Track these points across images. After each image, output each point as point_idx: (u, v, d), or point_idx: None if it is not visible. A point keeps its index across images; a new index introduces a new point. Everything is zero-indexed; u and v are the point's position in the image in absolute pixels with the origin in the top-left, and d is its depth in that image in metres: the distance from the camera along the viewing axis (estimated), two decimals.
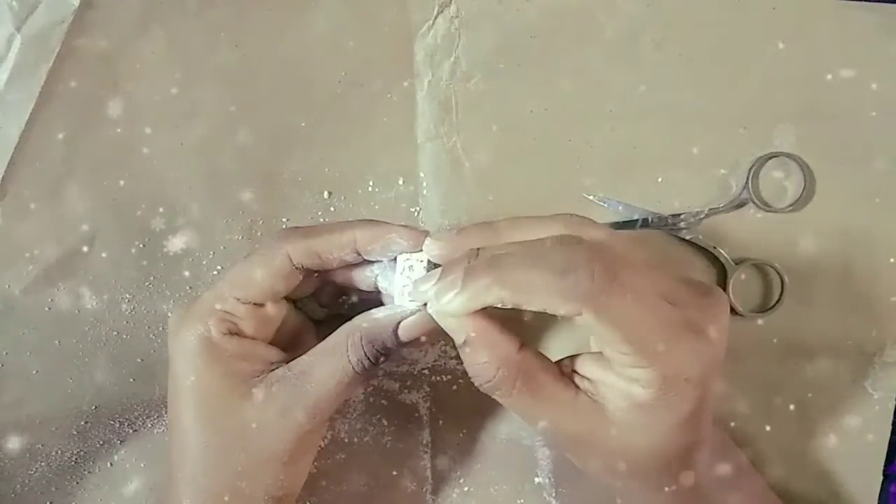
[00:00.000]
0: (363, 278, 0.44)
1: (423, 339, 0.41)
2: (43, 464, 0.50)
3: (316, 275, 0.44)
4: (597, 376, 0.38)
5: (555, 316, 0.40)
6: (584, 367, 0.40)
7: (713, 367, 0.37)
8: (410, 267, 0.41)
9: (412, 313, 0.40)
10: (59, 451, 0.50)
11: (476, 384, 0.39)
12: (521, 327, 0.49)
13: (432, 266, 0.41)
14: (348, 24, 0.50)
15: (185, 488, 0.41)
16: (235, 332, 0.41)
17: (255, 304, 0.42)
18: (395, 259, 0.42)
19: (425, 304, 0.39)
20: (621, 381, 0.37)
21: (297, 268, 0.42)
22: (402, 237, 0.41)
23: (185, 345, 0.41)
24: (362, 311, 0.42)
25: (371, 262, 0.43)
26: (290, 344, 0.44)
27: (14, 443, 0.49)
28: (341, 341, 0.40)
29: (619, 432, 0.38)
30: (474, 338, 0.38)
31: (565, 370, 0.40)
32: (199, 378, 0.40)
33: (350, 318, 0.42)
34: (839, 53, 0.50)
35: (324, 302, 0.46)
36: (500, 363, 0.38)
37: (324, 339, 0.42)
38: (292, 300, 0.45)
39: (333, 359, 0.40)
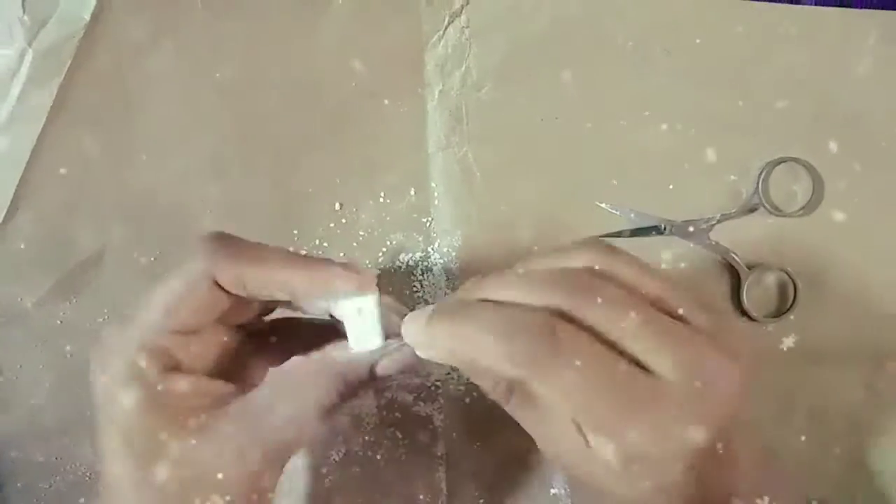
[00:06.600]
0: (314, 308, 0.39)
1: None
2: (58, 477, 0.49)
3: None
4: None
5: None
6: None
7: (694, 450, 0.32)
8: (359, 310, 0.37)
9: (396, 350, 0.37)
10: (75, 465, 0.49)
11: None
12: None
13: (384, 308, 0.38)
14: (358, 36, 0.51)
15: None
16: (172, 367, 0.36)
17: (186, 332, 0.36)
18: None
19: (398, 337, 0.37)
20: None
21: (225, 292, 0.37)
22: (349, 283, 0.37)
23: (115, 390, 0.34)
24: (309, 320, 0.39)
25: None
26: (233, 369, 0.39)
27: (28, 457, 0.49)
28: (310, 375, 0.37)
29: (604, 476, 0.35)
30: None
31: None
32: (138, 426, 0.34)
33: (301, 328, 0.40)
34: (846, 60, 0.51)
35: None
36: (497, 380, 0.35)
37: (270, 356, 0.39)
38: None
39: (300, 393, 0.36)
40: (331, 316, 0.39)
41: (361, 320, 0.37)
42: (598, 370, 0.32)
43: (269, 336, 0.42)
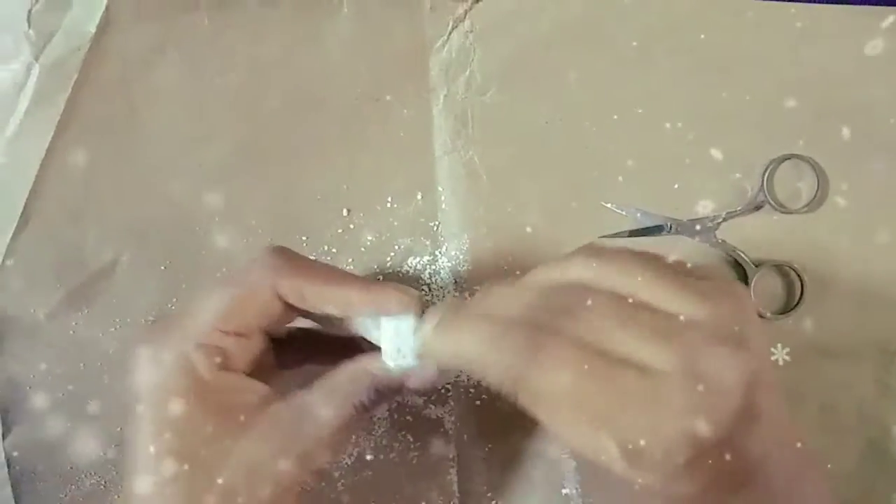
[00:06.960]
0: (355, 324, 0.41)
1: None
2: (73, 486, 0.49)
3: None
4: None
5: None
6: None
7: (698, 444, 0.32)
8: (400, 330, 0.39)
9: (424, 367, 0.39)
10: (88, 475, 0.50)
11: None
12: None
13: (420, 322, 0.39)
14: (363, 42, 0.51)
15: None
16: (224, 367, 0.37)
17: (239, 334, 0.38)
18: None
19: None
20: None
21: (282, 301, 0.39)
22: (402, 304, 0.39)
23: (167, 385, 0.36)
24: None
25: None
26: (253, 369, 0.41)
27: (43, 467, 0.49)
28: (345, 382, 0.39)
29: (612, 465, 0.34)
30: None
31: None
32: (189, 421, 0.36)
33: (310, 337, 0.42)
34: (852, 57, 0.51)
35: None
36: (502, 377, 0.36)
37: (279, 360, 0.42)
38: None
39: (336, 400, 0.38)
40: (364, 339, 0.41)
41: (401, 339, 0.39)
42: (587, 376, 0.33)
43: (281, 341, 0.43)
